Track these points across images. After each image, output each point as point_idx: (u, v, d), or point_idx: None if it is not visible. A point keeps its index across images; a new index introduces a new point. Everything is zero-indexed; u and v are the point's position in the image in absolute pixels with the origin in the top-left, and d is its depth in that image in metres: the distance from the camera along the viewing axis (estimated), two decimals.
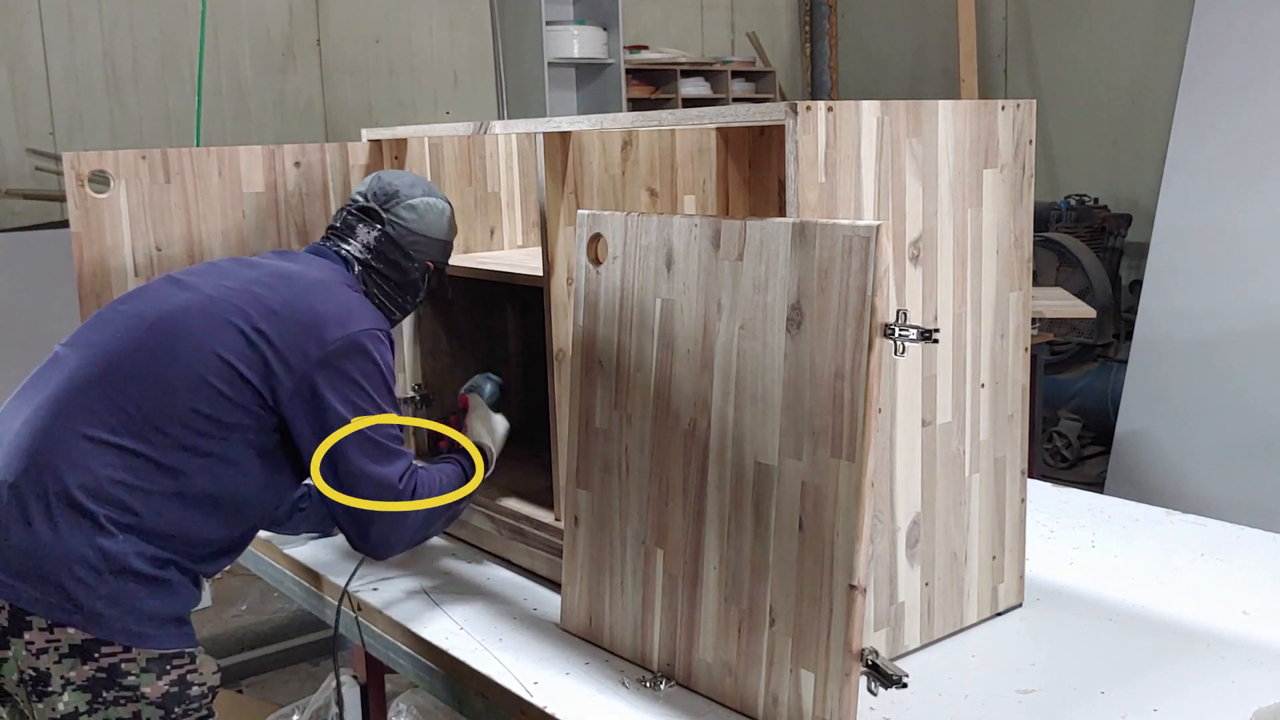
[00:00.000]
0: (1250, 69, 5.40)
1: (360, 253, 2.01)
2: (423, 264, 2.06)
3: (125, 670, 1.64)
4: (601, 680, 1.70)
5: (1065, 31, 7.11)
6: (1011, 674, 1.69)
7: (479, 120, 2.17)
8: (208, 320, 1.76)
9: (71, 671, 1.62)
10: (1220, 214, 5.39)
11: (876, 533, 1.66)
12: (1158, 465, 5.33)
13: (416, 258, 2.05)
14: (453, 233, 2.12)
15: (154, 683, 1.66)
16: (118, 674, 1.64)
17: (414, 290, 2.08)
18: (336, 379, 1.77)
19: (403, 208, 2.03)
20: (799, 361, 1.49)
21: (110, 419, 1.68)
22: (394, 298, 2.05)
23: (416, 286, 2.08)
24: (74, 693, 1.62)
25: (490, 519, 2.21)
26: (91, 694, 1.63)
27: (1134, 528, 2.29)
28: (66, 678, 1.62)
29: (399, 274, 2.04)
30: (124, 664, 1.64)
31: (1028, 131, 1.81)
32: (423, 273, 2.07)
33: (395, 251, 2.02)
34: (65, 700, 1.62)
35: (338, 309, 1.82)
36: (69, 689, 1.62)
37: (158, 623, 1.67)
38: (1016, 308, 1.84)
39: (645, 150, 2.19)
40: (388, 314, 2.04)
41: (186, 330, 1.75)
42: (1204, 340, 5.30)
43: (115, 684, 1.64)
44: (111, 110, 5.72)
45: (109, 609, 1.63)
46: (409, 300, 2.09)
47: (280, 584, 2.35)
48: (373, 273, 2.02)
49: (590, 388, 1.82)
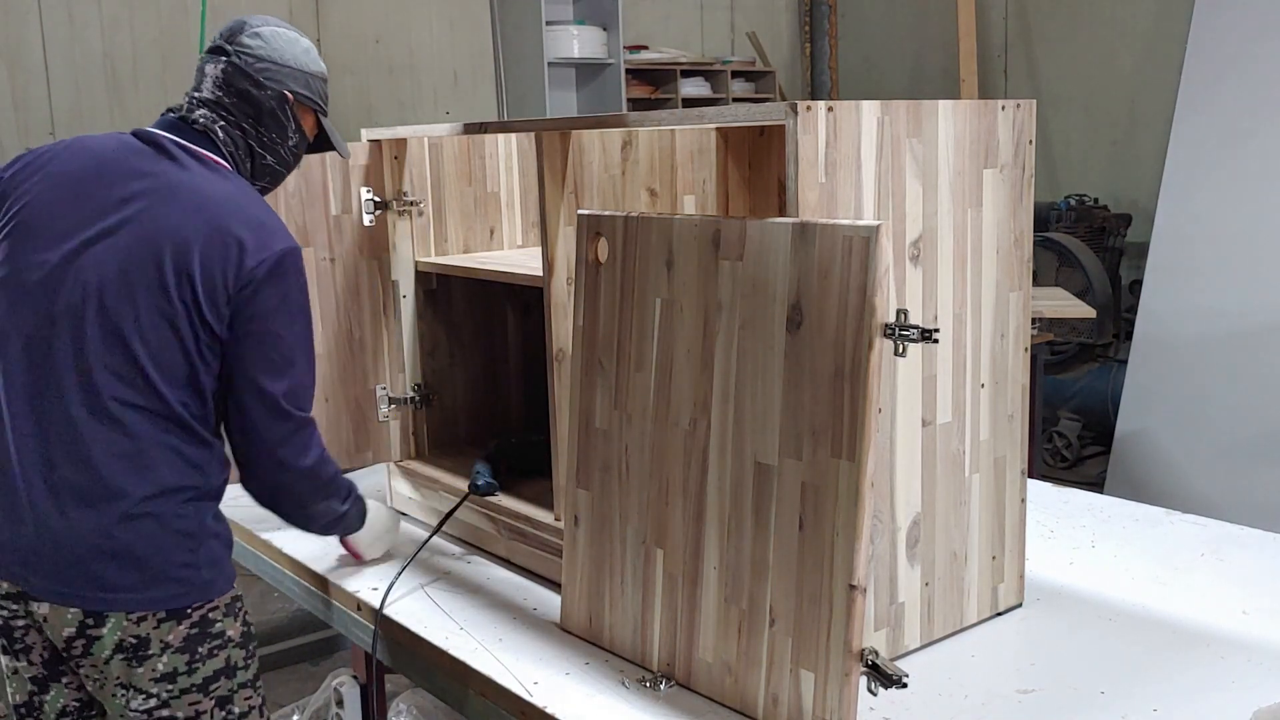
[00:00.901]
0: (1250, 69, 5.40)
1: (211, 92, 1.87)
2: (277, 93, 1.89)
3: (212, 619, 1.76)
4: (601, 680, 1.70)
5: (1065, 31, 7.11)
6: (1011, 674, 1.69)
7: (479, 120, 2.17)
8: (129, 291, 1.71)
9: (169, 635, 1.71)
10: (1220, 214, 5.39)
11: (876, 533, 1.66)
12: (1158, 465, 5.33)
13: (268, 85, 1.88)
14: (313, 65, 1.97)
15: (234, 624, 1.79)
16: (208, 624, 1.75)
17: (279, 127, 1.90)
18: None
19: (247, 35, 1.90)
20: (799, 361, 1.49)
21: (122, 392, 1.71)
22: (260, 138, 1.89)
23: (280, 121, 1.90)
24: (173, 655, 1.72)
25: (490, 519, 2.21)
26: (189, 654, 1.73)
27: (1134, 528, 2.28)
28: (165, 641, 1.71)
29: (253, 106, 1.87)
30: (210, 613, 1.76)
31: (1028, 131, 1.81)
32: (280, 103, 1.89)
33: (243, 80, 1.87)
34: (165, 661, 1.72)
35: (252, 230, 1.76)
36: (168, 651, 1.71)
37: (227, 561, 1.82)
38: (1016, 308, 1.84)
39: (645, 150, 2.19)
40: (260, 163, 1.90)
41: (115, 308, 1.71)
42: (1204, 340, 5.30)
43: (207, 635, 1.75)
44: (111, 110, 5.72)
45: (209, 572, 1.75)
46: (278, 140, 1.91)
47: (280, 584, 2.35)
48: (224, 112, 1.86)
49: (590, 388, 1.82)
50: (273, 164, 1.92)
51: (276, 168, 1.94)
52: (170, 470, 1.72)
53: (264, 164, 1.91)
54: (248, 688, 1.82)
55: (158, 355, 1.69)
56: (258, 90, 1.88)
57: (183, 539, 1.72)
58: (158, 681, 1.71)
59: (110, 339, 1.69)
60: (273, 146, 1.91)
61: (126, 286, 1.69)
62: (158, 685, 1.72)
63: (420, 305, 2.50)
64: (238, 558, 2.53)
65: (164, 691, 1.72)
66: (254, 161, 1.90)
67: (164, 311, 1.69)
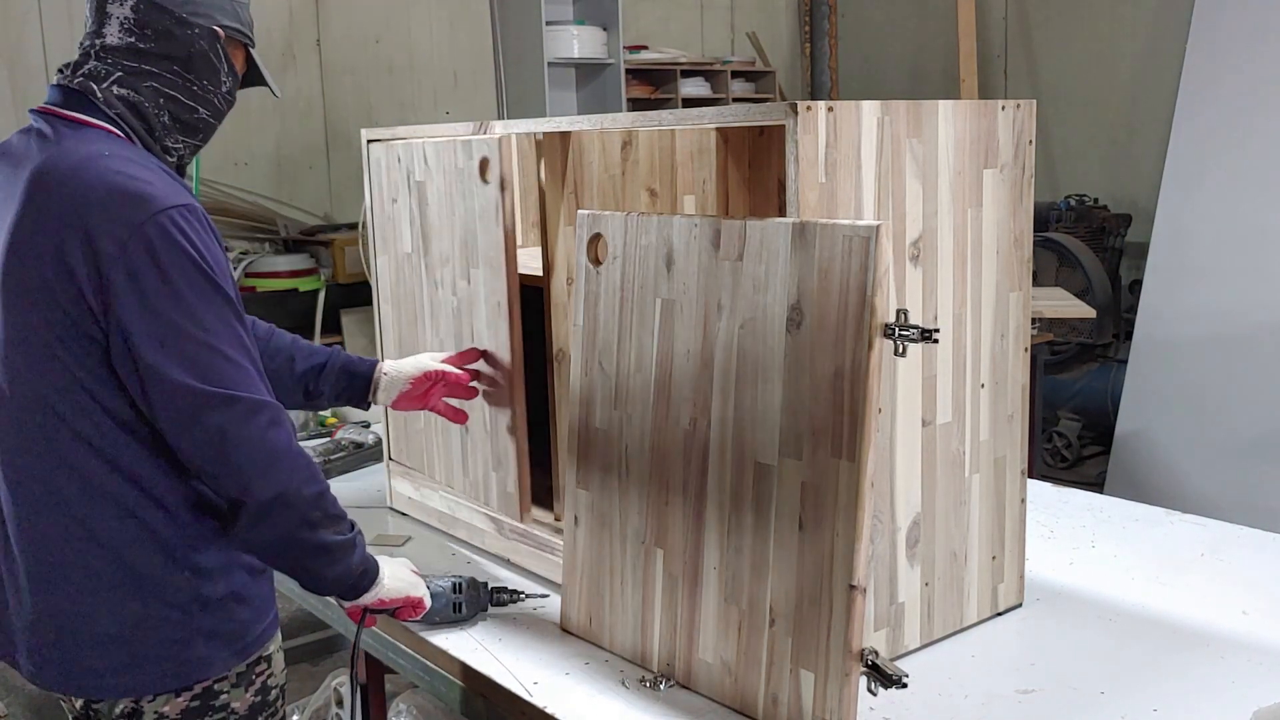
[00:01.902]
0: (1250, 69, 5.40)
1: (119, 37, 1.54)
2: (207, 29, 1.59)
3: (217, 691, 1.60)
4: (601, 680, 1.70)
5: (1065, 31, 7.11)
6: (1011, 674, 1.69)
7: (479, 120, 2.17)
8: None
9: (165, 706, 1.57)
10: (1220, 214, 5.39)
11: (876, 533, 1.66)
12: (1158, 465, 5.33)
13: (194, 21, 1.57)
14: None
15: (243, 696, 1.62)
16: (211, 697, 1.59)
17: (211, 71, 1.60)
18: None
19: None
20: (799, 361, 1.49)
21: None
22: (190, 87, 1.59)
23: (212, 64, 1.60)
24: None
25: (490, 519, 2.21)
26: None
27: (1134, 528, 2.29)
28: (160, 713, 1.57)
29: (178, 47, 1.56)
30: (215, 685, 1.59)
31: (1028, 131, 1.81)
32: (212, 41, 1.60)
33: (164, 18, 1.55)
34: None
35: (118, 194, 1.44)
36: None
37: (249, 620, 1.60)
38: (1016, 308, 1.84)
39: (645, 150, 2.19)
40: (190, 118, 1.61)
41: None
42: (1204, 340, 5.30)
43: (209, 709, 1.59)
44: None
45: (205, 648, 1.56)
46: (211, 88, 1.61)
47: (280, 584, 2.35)
48: (134, 61, 1.56)
49: (590, 388, 1.82)
50: (205, 117, 1.62)
51: (210, 120, 1.63)
52: None
53: (194, 119, 1.61)
54: None
55: None
56: (182, 29, 1.56)
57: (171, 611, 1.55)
58: None
59: None
60: (205, 97, 1.61)
61: None
62: None
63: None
64: None
65: None
66: (179, 120, 1.60)
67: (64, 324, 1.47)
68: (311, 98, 6.33)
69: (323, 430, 3.26)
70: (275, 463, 1.50)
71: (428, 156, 2.19)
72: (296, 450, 1.54)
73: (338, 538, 1.60)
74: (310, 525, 1.56)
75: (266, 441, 1.49)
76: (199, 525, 1.57)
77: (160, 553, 1.54)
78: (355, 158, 6.08)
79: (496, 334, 2.07)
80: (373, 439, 2.92)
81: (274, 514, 1.51)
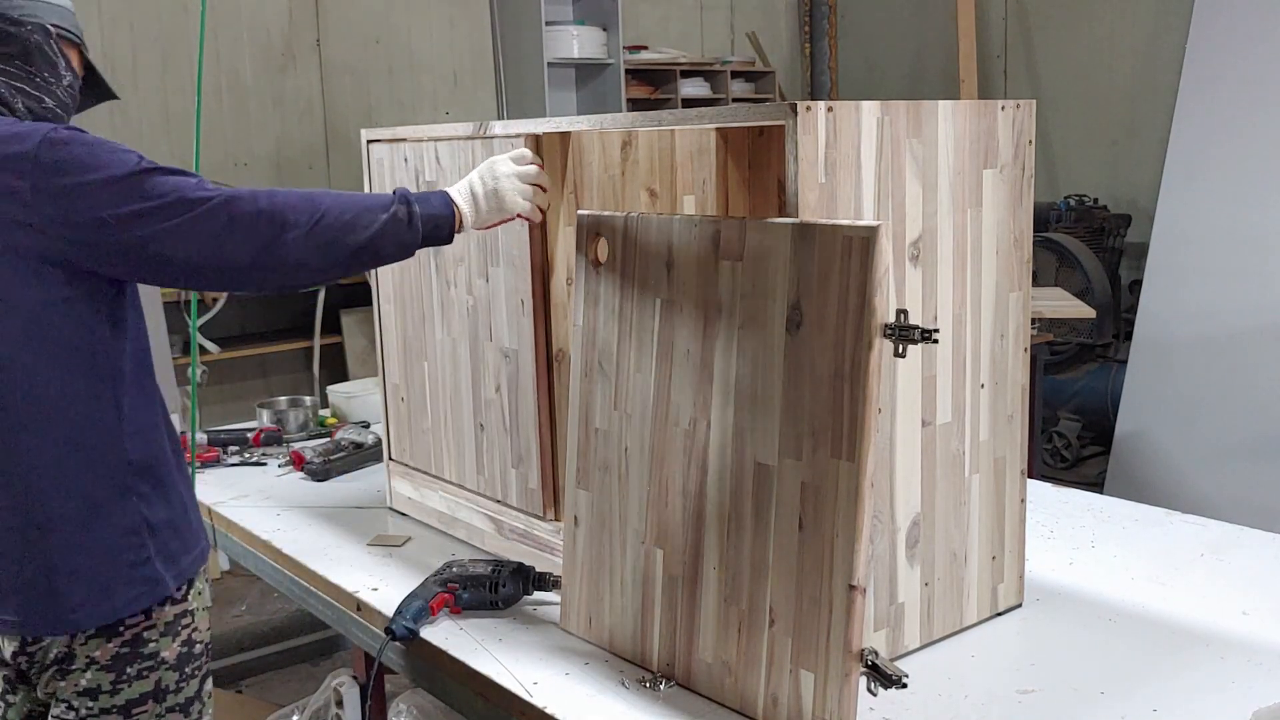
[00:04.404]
0: (1250, 68, 5.40)
1: None
2: (40, 26, 1.74)
3: (147, 639, 1.69)
4: (601, 680, 1.70)
5: (1065, 31, 7.11)
6: (1011, 674, 1.69)
7: (479, 120, 2.17)
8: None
9: (96, 651, 1.66)
10: (1220, 214, 5.39)
11: (876, 533, 1.66)
12: (1158, 465, 5.33)
13: (25, 20, 1.72)
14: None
15: (170, 645, 1.71)
16: (140, 644, 1.68)
17: (49, 64, 1.75)
18: None
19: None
20: (799, 361, 1.49)
21: None
22: (33, 79, 1.73)
23: (49, 58, 1.75)
24: (97, 671, 1.67)
25: (490, 519, 2.21)
26: (115, 672, 1.67)
27: (1134, 528, 2.29)
28: (91, 657, 1.66)
29: (15, 44, 1.71)
30: (145, 632, 1.69)
31: (1028, 131, 1.81)
32: (45, 37, 1.74)
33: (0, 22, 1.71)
34: (88, 677, 1.66)
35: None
36: (92, 668, 1.66)
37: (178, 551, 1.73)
38: (1016, 308, 1.84)
39: (645, 150, 2.19)
40: (39, 107, 1.74)
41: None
42: (1204, 340, 5.30)
43: (138, 655, 1.68)
44: (111, 110, 5.71)
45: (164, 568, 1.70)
46: (52, 80, 1.76)
47: (280, 584, 2.35)
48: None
49: (590, 388, 1.82)
50: (53, 107, 1.77)
51: (58, 110, 1.77)
52: None
53: (43, 109, 1.75)
54: (177, 711, 1.75)
55: None
56: (16, 28, 1.72)
57: None
58: (79, 696, 1.67)
59: None
60: (49, 88, 1.75)
61: None
62: (79, 700, 1.67)
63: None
64: (238, 557, 2.54)
65: (84, 708, 1.67)
66: (31, 110, 1.73)
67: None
68: (311, 98, 6.33)
69: (323, 430, 3.26)
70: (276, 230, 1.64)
71: (440, 156, 2.19)
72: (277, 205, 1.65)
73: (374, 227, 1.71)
74: None
75: (260, 215, 1.63)
76: (139, 452, 1.70)
77: (110, 484, 1.66)
78: (355, 158, 6.09)
79: (520, 332, 2.07)
80: (373, 439, 2.92)
81: None
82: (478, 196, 1.84)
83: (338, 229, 1.67)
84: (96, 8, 5.68)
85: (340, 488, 2.74)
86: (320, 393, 4.27)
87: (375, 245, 1.71)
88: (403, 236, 1.74)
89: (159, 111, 5.86)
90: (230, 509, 2.60)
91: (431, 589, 1.93)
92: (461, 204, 1.82)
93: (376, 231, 1.70)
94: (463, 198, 1.83)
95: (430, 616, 1.89)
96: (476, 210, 1.83)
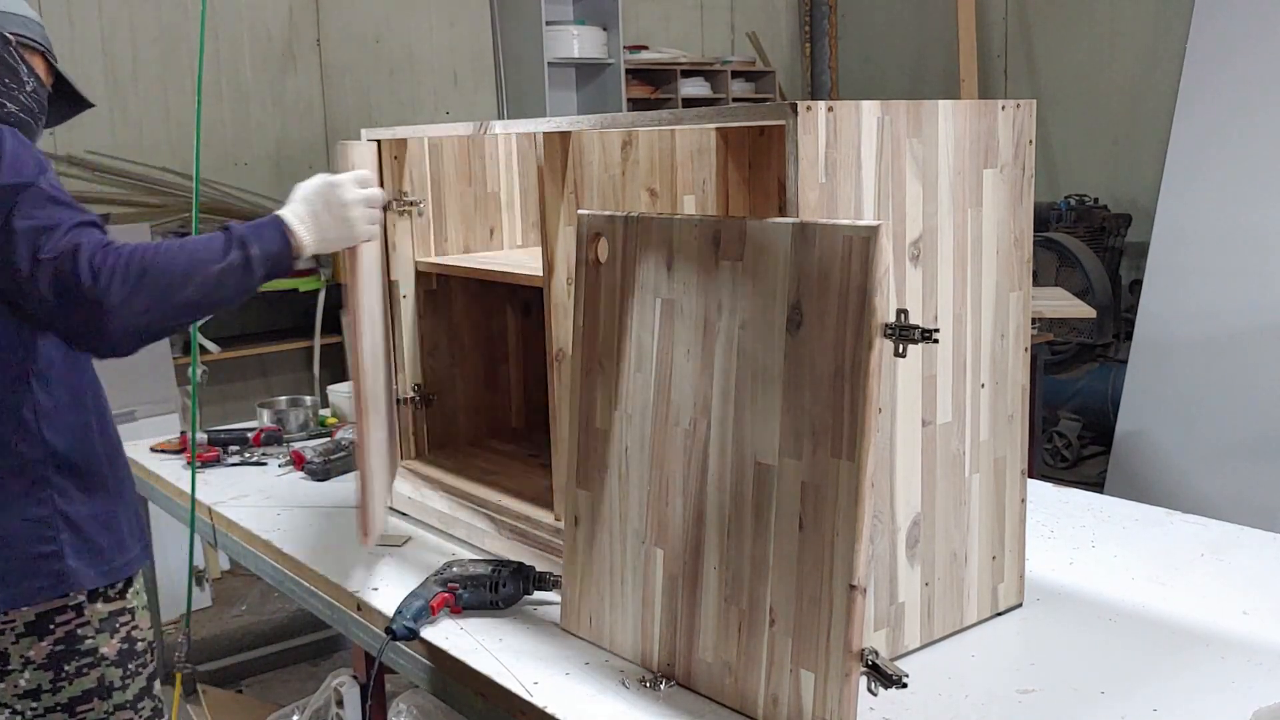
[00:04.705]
0: (1251, 69, 5.40)
1: None
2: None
3: (82, 635, 1.67)
4: (601, 680, 1.70)
5: (1065, 31, 7.11)
6: (1011, 674, 1.69)
7: (479, 120, 2.17)
8: None
9: (30, 650, 1.64)
10: (1220, 214, 5.39)
11: (876, 533, 1.66)
12: (1158, 465, 5.33)
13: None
14: (21, 8, 1.84)
15: (109, 641, 1.70)
16: (75, 641, 1.67)
17: (9, 70, 1.77)
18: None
19: None
20: (799, 361, 1.49)
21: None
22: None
23: (9, 64, 1.77)
24: (35, 671, 1.65)
25: (490, 519, 2.21)
26: (54, 670, 1.66)
27: (1134, 528, 2.29)
28: (26, 656, 1.65)
29: None
30: (79, 629, 1.67)
31: (1028, 131, 1.81)
32: (3, 45, 1.76)
33: None
34: (26, 678, 1.65)
35: None
36: (29, 668, 1.65)
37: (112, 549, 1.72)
38: (1016, 308, 1.84)
39: (645, 150, 2.19)
40: (2, 111, 1.76)
41: None
42: (1204, 340, 5.30)
43: (75, 653, 1.67)
44: (111, 110, 5.72)
45: (76, 560, 1.67)
46: (14, 85, 1.78)
47: (280, 584, 2.35)
48: None
49: (590, 388, 1.82)
50: (16, 112, 1.78)
51: (22, 116, 1.79)
52: None
53: (4, 114, 1.77)
54: (127, 709, 1.74)
55: None
56: None
57: None
58: (21, 699, 1.66)
59: None
60: (11, 94, 1.77)
61: None
62: (21, 703, 1.66)
63: (420, 305, 2.50)
64: (239, 557, 2.54)
65: (28, 709, 1.67)
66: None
67: None
68: (311, 98, 6.33)
69: (323, 430, 3.26)
70: None
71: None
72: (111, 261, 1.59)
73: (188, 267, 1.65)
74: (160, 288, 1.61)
75: None
76: (63, 447, 1.70)
77: (23, 475, 1.66)
78: None
79: None
80: None
81: None
82: (323, 225, 1.80)
83: (165, 287, 1.61)
84: (97, 8, 5.68)
85: (340, 488, 2.74)
86: (320, 392, 4.26)
87: (213, 297, 1.67)
88: (242, 282, 1.70)
89: (159, 111, 5.86)
90: (230, 509, 2.60)
91: (432, 589, 1.93)
92: (299, 230, 1.78)
93: (213, 283, 1.66)
94: (300, 222, 1.79)
95: (430, 616, 1.89)
96: (320, 235, 1.80)
